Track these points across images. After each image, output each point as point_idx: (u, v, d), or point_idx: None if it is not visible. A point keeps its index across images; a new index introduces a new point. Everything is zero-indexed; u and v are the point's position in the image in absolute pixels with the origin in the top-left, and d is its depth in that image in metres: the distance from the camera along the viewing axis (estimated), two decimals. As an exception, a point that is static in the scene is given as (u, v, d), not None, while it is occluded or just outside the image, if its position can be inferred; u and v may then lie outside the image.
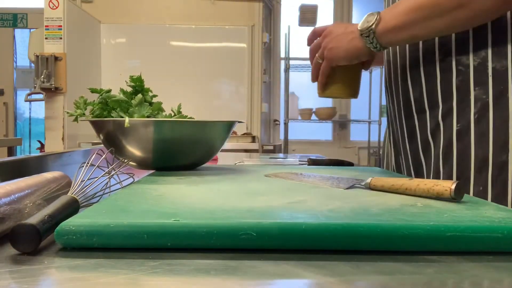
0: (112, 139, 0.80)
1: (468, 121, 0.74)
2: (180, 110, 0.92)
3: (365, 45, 0.78)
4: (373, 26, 0.75)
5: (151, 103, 0.87)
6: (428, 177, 0.81)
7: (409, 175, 0.87)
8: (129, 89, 0.87)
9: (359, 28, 0.77)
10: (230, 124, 0.86)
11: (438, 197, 0.52)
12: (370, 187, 0.61)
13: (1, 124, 4.46)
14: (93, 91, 0.87)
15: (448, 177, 0.76)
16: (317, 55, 0.85)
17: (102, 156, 0.63)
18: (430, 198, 0.53)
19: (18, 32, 4.56)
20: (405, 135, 0.87)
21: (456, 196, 0.50)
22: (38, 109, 4.41)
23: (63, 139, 2.66)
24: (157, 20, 3.50)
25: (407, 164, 0.89)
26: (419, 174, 0.84)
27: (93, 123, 0.82)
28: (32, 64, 2.64)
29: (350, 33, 0.79)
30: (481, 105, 0.73)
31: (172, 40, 3.50)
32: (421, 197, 0.54)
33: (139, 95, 0.84)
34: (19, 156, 0.93)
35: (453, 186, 0.51)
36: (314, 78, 0.89)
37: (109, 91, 0.86)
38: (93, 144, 2.43)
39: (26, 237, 0.37)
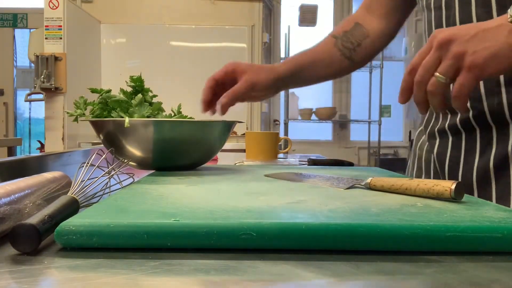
0: (112, 139, 0.80)
1: None
2: (180, 110, 0.92)
3: None
4: None
5: (151, 103, 0.87)
6: (504, 200, 0.70)
7: (469, 191, 0.74)
8: (129, 89, 0.87)
9: None
10: (230, 124, 0.86)
11: (438, 197, 0.52)
12: (370, 187, 0.61)
13: (1, 124, 4.46)
14: (93, 91, 0.87)
15: None
16: (438, 72, 0.56)
17: (102, 156, 0.63)
18: (430, 198, 0.53)
19: (18, 32, 4.56)
20: (477, 146, 0.74)
21: (456, 196, 0.50)
22: (38, 109, 4.41)
23: (63, 139, 2.66)
24: (157, 20, 3.50)
25: (467, 178, 0.75)
26: (486, 193, 0.72)
27: (93, 123, 0.82)
28: (32, 64, 2.64)
29: (497, 27, 0.55)
30: None
31: (172, 40, 3.50)
32: (421, 197, 0.54)
33: (139, 95, 0.84)
34: (19, 156, 0.93)
35: (453, 186, 0.51)
36: (424, 108, 0.60)
37: (109, 91, 0.86)
38: (93, 144, 2.43)
39: (26, 237, 0.37)
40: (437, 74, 0.56)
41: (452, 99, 0.57)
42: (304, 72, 0.94)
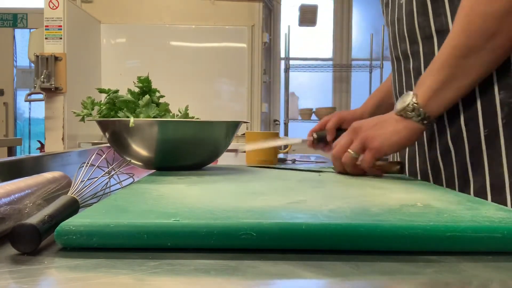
0: (118, 139, 0.80)
1: (496, 126, 0.71)
2: (188, 112, 0.91)
3: (413, 122, 0.72)
4: (413, 99, 0.71)
5: (158, 104, 0.86)
6: (451, 184, 0.79)
7: (426, 180, 0.84)
8: (137, 90, 0.87)
9: (398, 109, 0.73)
10: (235, 125, 0.86)
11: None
12: None
13: (1, 124, 4.46)
14: (101, 91, 0.87)
15: (480, 186, 0.73)
16: (350, 149, 0.77)
17: (102, 156, 0.63)
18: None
19: (18, 32, 4.56)
20: (424, 140, 0.85)
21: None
22: (38, 109, 4.41)
23: (63, 139, 2.66)
24: (157, 20, 3.50)
25: (424, 169, 0.86)
26: (438, 180, 0.82)
27: (99, 123, 0.82)
28: (32, 64, 2.64)
29: (389, 119, 0.75)
30: (509, 109, 0.70)
31: (172, 40, 3.49)
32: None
33: (147, 96, 0.84)
34: (19, 156, 0.93)
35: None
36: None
37: (117, 91, 0.86)
38: (93, 144, 2.43)
39: (26, 237, 0.37)
40: (349, 150, 0.77)
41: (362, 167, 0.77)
42: (382, 106, 1.08)
